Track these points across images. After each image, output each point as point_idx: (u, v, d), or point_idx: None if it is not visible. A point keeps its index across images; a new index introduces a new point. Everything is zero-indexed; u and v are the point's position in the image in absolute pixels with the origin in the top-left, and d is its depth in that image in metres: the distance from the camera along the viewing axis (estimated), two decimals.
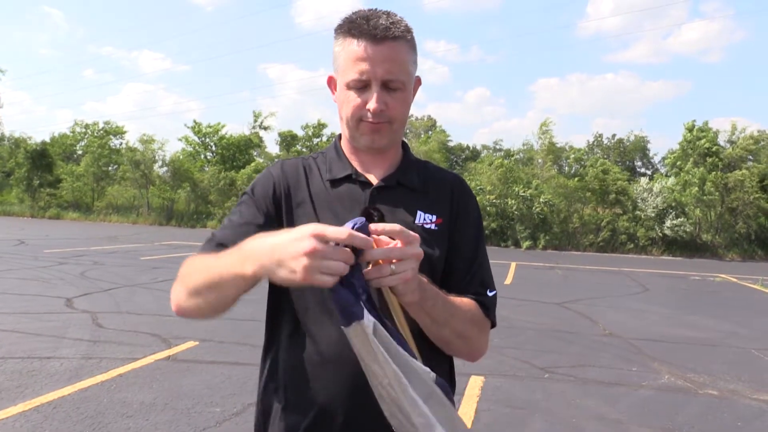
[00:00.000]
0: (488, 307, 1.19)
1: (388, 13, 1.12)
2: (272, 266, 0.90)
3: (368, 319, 0.90)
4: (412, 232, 0.93)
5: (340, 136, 1.27)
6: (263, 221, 1.16)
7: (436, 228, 1.18)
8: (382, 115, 1.12)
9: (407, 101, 1.17)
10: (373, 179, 1.20)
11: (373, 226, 0.92)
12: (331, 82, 1.21)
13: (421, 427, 0.93)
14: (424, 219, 1.18)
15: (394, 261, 0.92)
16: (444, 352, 1.18)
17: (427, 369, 0.96)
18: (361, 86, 1.11)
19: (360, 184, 1.19)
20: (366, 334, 0.90)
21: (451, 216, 1.21)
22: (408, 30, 1.14)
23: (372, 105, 1.10)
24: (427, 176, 1.25)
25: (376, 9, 1.13)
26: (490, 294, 1.21)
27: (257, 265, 0.92)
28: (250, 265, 0.93)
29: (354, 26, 1.10)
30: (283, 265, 0.87)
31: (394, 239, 0.92)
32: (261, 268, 0.92)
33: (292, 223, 1.16)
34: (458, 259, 1.20)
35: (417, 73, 1.20)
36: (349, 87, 1.12)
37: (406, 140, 1.32)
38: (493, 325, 1.21)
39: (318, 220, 1.14)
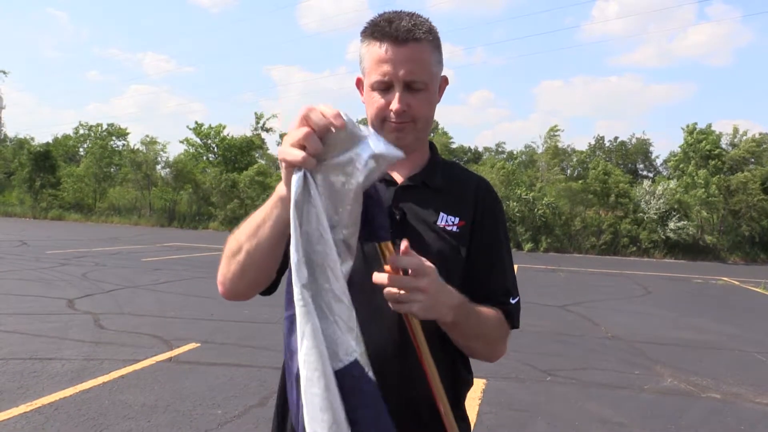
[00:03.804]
0: (512, 315, 1.22)
1: (411, 15, 1.14)
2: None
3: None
4: (428, 264, 0.96)
5: None
6: None
7: (458, 230, 1.18)
8: (405, 115, 1.13)
9: (431, 101, 1.18)
10: (399, 178, 1.22)
11: (391, 258, 0.96)
12: (359, 84, 1.23)
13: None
14: (446, 221, 1.18)
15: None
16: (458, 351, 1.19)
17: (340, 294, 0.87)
18: (384, 87, 1.13)
19: (385, 182, 1.20)
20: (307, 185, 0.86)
21: (474, 219, 1.21)
22: (431, 31, 1.14)
23: (394, 106, 1.11)
24: (453, 177, 1.26)
25: (399, 11, 1.14)
26: (513, 301, 1.22)
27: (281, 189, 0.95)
28: (277, 193, 0.97)
29: (377, 29, 1.12)
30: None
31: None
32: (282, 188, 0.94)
33: None
34: (480, 264, 1.20)
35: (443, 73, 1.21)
36: (373, 88, 1.14)
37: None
38: (515, 327, 1.24)
39: None
